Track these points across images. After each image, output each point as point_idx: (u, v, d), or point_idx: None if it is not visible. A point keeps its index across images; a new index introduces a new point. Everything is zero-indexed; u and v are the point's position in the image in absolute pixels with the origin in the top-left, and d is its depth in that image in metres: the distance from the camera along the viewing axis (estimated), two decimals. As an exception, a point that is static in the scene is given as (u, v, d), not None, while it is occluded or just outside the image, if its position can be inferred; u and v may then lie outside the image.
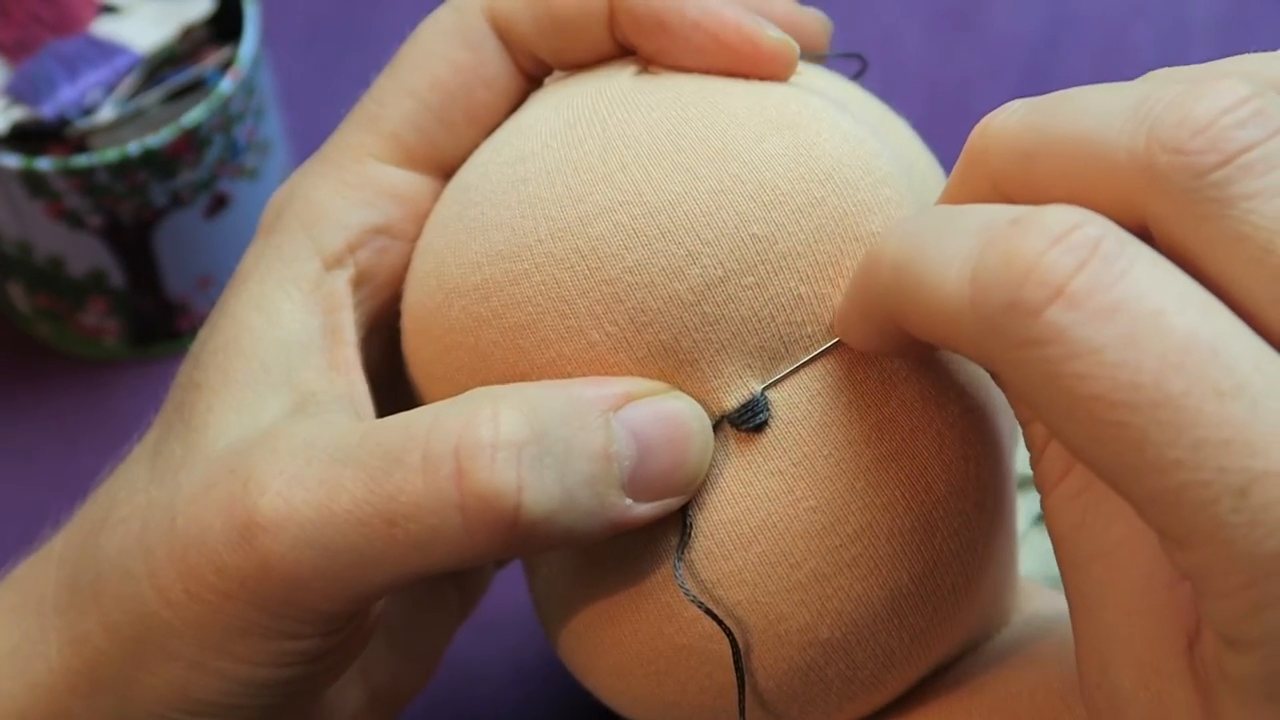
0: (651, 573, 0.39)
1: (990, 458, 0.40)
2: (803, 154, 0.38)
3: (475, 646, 0.57)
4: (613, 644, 0.40)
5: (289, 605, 0.37)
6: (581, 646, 0.41)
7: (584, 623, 0.40)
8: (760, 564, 0.38)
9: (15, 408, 0.63)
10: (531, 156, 0.39)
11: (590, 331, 0.38)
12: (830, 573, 0.38)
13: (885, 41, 0.71)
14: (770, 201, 0.38)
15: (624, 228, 0.38)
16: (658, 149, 0.38)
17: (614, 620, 0.40)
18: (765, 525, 0.38)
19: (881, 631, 0.39)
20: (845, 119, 0.40)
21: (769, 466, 0.38)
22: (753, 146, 0.38)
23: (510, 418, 0.36)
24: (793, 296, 0.38)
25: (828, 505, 0.38)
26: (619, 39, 0.41)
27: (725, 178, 0.38)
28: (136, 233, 0.59)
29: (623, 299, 0.38)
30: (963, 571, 0.39)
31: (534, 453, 0.36)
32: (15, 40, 0.59)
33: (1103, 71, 0.69)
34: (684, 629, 0.39)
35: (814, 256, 0.38)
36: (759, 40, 0.40)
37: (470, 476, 0.36)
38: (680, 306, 0.38)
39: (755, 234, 0.37)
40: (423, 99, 0.41)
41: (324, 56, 0.70)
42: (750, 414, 0.38)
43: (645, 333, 0.38)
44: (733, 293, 0.38)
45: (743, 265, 0.38)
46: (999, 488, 0.40)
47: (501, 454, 0.36)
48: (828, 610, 0.38)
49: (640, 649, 0.40)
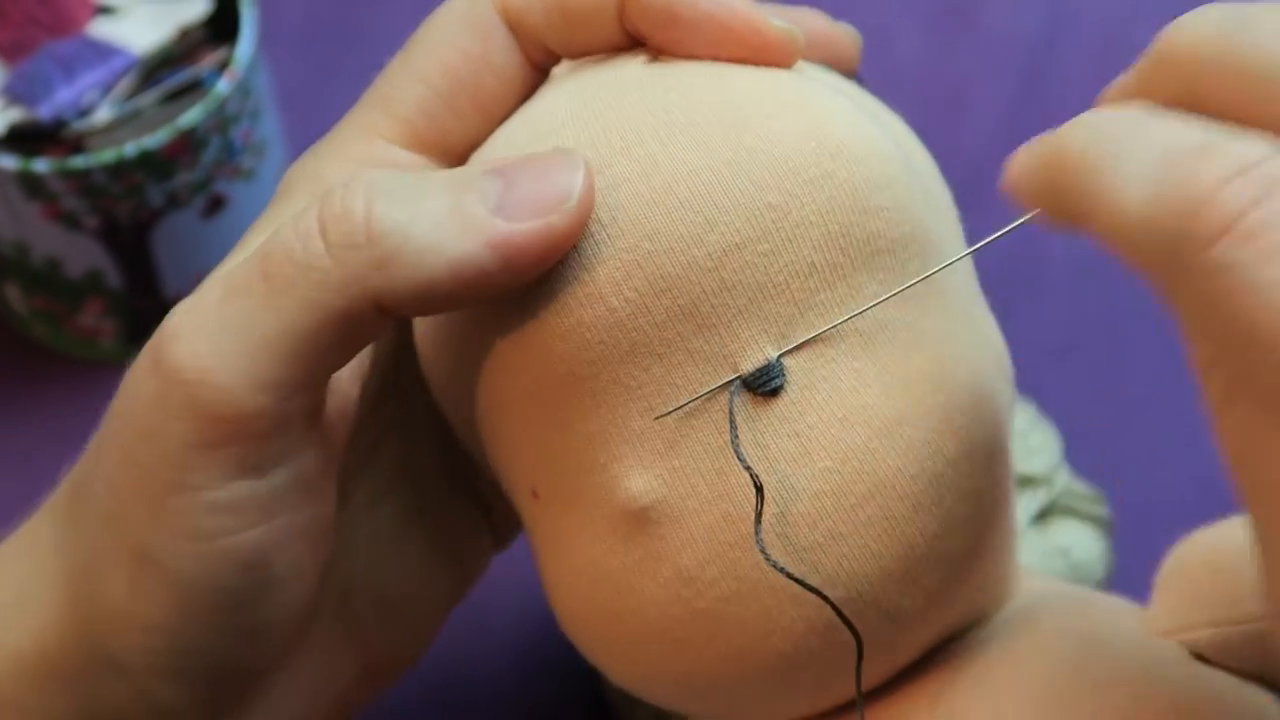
0: (668, 537, 0.40)
1: (996, 425, 0.41)
2: (814, 130, 0.39)
3: (473, 639, 0.57)
4: (629, 614, 0.40)
5: (202, 417, 0.38)
6: (594, 621, 0.41)
7: (597, 596, 0.41)
8: (776, 524, 0.39)
9: (12, 409, 0.63)
10: (548, 135, 0.40)
11: (610, 297, 0.39)
12: (846, 532, 0.39)
13: (882, 40, 0.71)
14: (784, 172, 0.39)
15: (642, 196, 0.39)
16: (673, 124, 0.39)
17: (630, 590, 0.40)
18: (782, 486, 0.39)
19: (895, 592, 0.39)
20: (849, 104, 0.41)
21: (785, 429, 0.39)
22: (765, 122, 0.39)
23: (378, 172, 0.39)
24: (806, 264, 0.39)
25: (842, 466, 0.39)
26: (629, 29, 0.42)
27: (740, 150, 0.39)
28: (134, 234, 0.59)
29: (642, 265, 0.39)
30: (973, 534, 0.40)
31: (388, 184, 0.39)
32: (12, 41, 0.59)
33: (1102, 71, 0.69)
34: (702, 592, 0.39)
35: (826, 227, 0.39)
36: (766, 30, 0.41)
37: (327, 206, 0.38)
38: (699, 272, 0.39)
39: (770, 203, 0.39)
40: (432, 85, 0.42)
41: (321, 58, 0.70)
42: (766, 378, 0.39)
43: (664, 298, 0.39)
44: (749, 259, 0.39)
45: (758, 232, 0.39)
46: (1003, 456, 0.41)
47: (359, 187, 0.38)
48: (842, 570, 0.39)
49: (657, 616, 0.40)
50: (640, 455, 0.40)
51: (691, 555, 0.39)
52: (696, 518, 0.39)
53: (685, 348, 0.39)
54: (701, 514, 0.39)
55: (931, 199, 0.42)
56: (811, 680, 0.40)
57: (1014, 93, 0.69)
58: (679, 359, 0.39)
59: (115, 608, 0.41)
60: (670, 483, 0.40)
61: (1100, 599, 0.45)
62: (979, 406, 0.40)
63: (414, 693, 0.56)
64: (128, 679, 0.42)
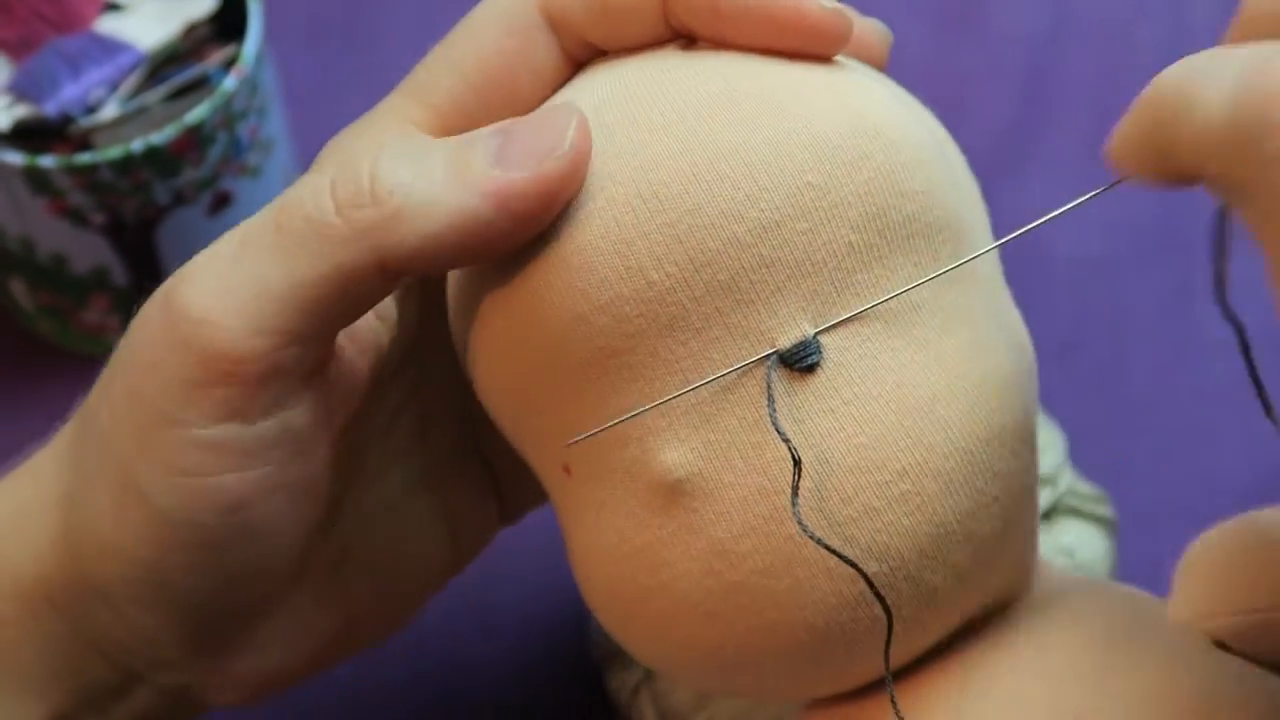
0: (702, 510, 0.40)
1: (1025, 410, 0.42)
2: (852, 112, 0.40)
3: (476, 644, 0.57)
4: (660, 588, 0.41)
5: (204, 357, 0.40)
6: (624, 596, 0.42)
7: (628, 571, 0.41)
8: (813, 498, 0.39)
9: (18, 404, 0.63)
10: (590, 114, 0.41)
11: (650, 271, 0.39)
12: (880, 507, 0.39)
13: (887, 41, 0.71)
14: (823, 153, 0.40)
15: (684, 173, 0.39)
16: (714, 104, 0.40)
17: (663, 563, 0.40)
18: (818, 460, 0.39)
19: (927, 569, 0.40)
20: (885, 91, 0.42)
21: (820, 405, 0.40)
22: (805, 103, 0.40)
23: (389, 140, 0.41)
24: (844, 244, 0.40)
25: (877, 442, 0.39)
26: (674, 24, 0.42)
27: (781, 130, 0.40)
28: (139, 230, 0.59)
29: (683, 240, 0.39)
30: (1002, 515, 0.41)
31: (396, 149, 0.40)
32: (18, 38, 0.59)
33: (1106, 71, 0.69)
34: (736, 565, 0.40)
35: (864, 207, 0.40)
36: (813, 14, 0.41)
37: (339, 170, 0.40)
38: (739, 247, 0.39)
39: (810, 182, 0.39)
40: (467, 78, 0.43)
41: (327, 54, 0.70)
42: (803, 354, 0.40)
43: (704, 272, 0.39)
44: (788, 236, 0.39)
45: (798, 211, 0.39)
46: (1031, 442, 0.42)
47: (367, 153, 0.40)
48: (875, 545, 0.39)
49: (690, 589, 0.40)
50: (676, 429, 0.40)
51: (726, 528, 0.40)
52: (732, 490, 0.40)
53: (723, 322, 0.40)
54: (737, 487, 0.40)
55: (962, 188, 0.43)
56: (841, 656, 0.41)
57: (1018, 93, 0.69)
58: (716, 333, 0.40)
59: (100, 536, 0.42)
60: (706, 456, 0.40)
61: (1121, 588, 0.45)
62: (1008, 390, 0.41)
63: (414, 693, 0.56)
64: (112, 606, 0.43)
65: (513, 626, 0.57)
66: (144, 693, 0.45)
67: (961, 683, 0.42)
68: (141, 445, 0.41)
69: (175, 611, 0.43)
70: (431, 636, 0.50)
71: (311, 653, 0.46)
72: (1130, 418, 0.61)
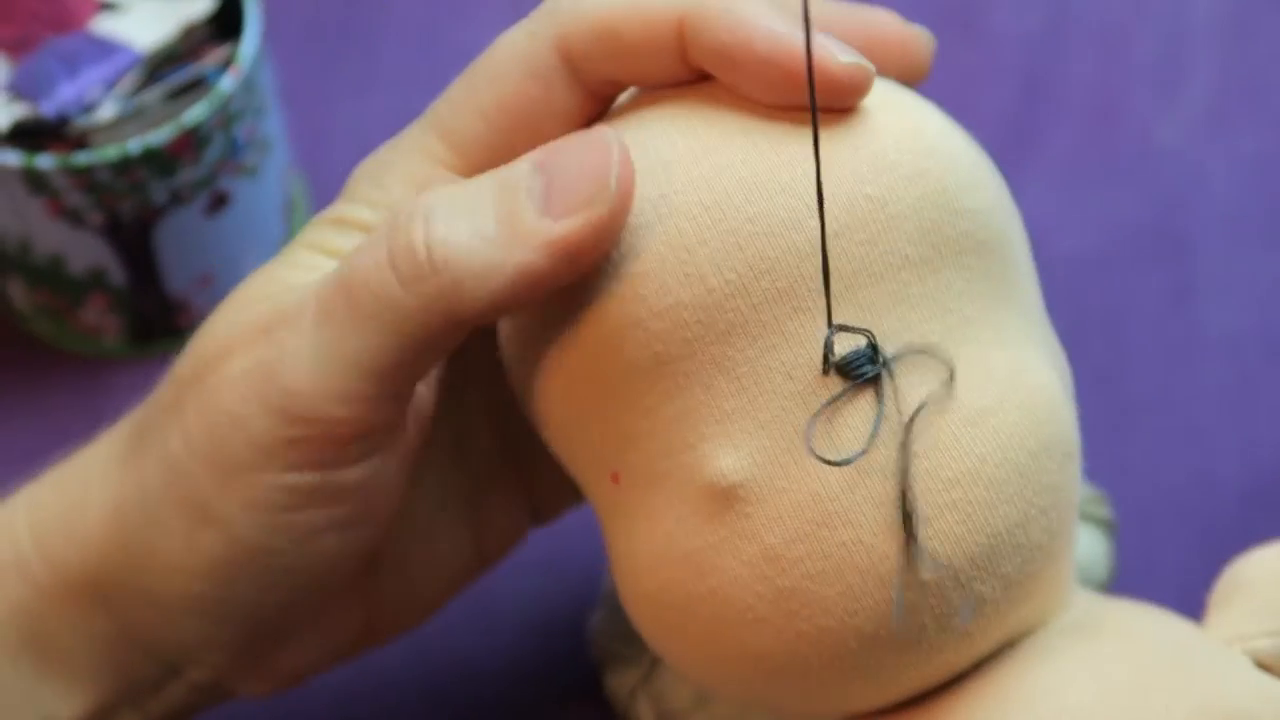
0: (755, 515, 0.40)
1: (1070, 425, 0.42)
2: (909, 129, 0.41)
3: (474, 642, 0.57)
4: (709, 593, 0.41)
5: (288, 418, 0.41)
6: (672, 603, 0.42)
7: (677, 577, 0.41)
8: (866, 504, 0.40)
9: (14, 405, 0.63)
10: (646, 129, 0.41)
11: (710, 278, 0.40)
12: (932, 515, 0.40)
13: (885, 41, 0.71)
14: (882, 167, 0.40)
15: (745, 181, 0.40)
16: (773, 118, 0.41)
17: (713, 569, 0.41)
18: (873, 468, 0.40)
19: (977, 578, 0.40)
20: (935, 111, 0.43)
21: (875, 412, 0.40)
22: (863, 117, 0.41)
23: (429, 196, 0.41)
24: (901, 256, 0.40)
25: (931, 450, 0.40)
26: (693, 65, 0.42)
27: (841, 144, 0.40)
28: (137, 230, 0.59)
29: (743, 247, 0.40)
30: (1049, 528, 0.41)
31: (444, 208, 0.41)
32: (15, 38, 0.59)
33: (1103, 72, 0.69)
34: (787, 570, 0.40)
35: (919, 222, 0.40)
36: (831, 70, 0.40)
37: (394, 239, 0.41)
38: (798, 256, 0.40)
39: (869, 194, 0.40)
40: (491, 122, 0.43)
41: (325, 55, 0.70)
42: (859, 364, 0.40)
43: (763, 280, 0.40)
44: (846, 247, 0.40)
45: (856, 222, 0.40)
46: (1075, 458, 0.43)
47: (415, 214, 0.41)
48: (929, 552, 0.40)
49: (739, 594, 0.41)
50: (730, 434, 0.40)
51: (779, 533, 0.40)
52: (785, 496, 0.40)
53: (781, 330, 0.40)
54: (790, 492, 0.40)
55: (1010, 210, 0.43)
56: (890, 665, 0.41)
57: (1016, 95, 0.69)
58: (774, 340, 0.40)
59: (167, 556, 0.43)
60: (760, 462, 0.40)
61: (1158, 611, 0.45)
62: (1055, 405, 0.42)
63: (413, 692, 0.56)
64: (164, 614, 0.44)
65: (512, 627, 0.57)
66: (180, 686, 0.46)
67: (1003, 697, 0.42)
68: (223, 483, 0.42)
69: (230, 623, 0.45)
70: (430, 636, 0.51)
71: (337, 648, 0.47)
72: (1129, 419, 0.61)
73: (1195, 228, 0.65)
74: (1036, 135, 0.68)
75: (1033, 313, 0.43)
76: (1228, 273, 0.64)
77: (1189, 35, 0.70)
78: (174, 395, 0.44)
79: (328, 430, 0.42)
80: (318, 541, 0.43)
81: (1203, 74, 0.69)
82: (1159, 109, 0.68)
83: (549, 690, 0.57)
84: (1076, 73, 0.69)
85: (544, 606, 0.57)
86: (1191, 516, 0.60)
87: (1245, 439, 0.60)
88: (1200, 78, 0.69)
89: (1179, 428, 0.61)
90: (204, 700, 0.47)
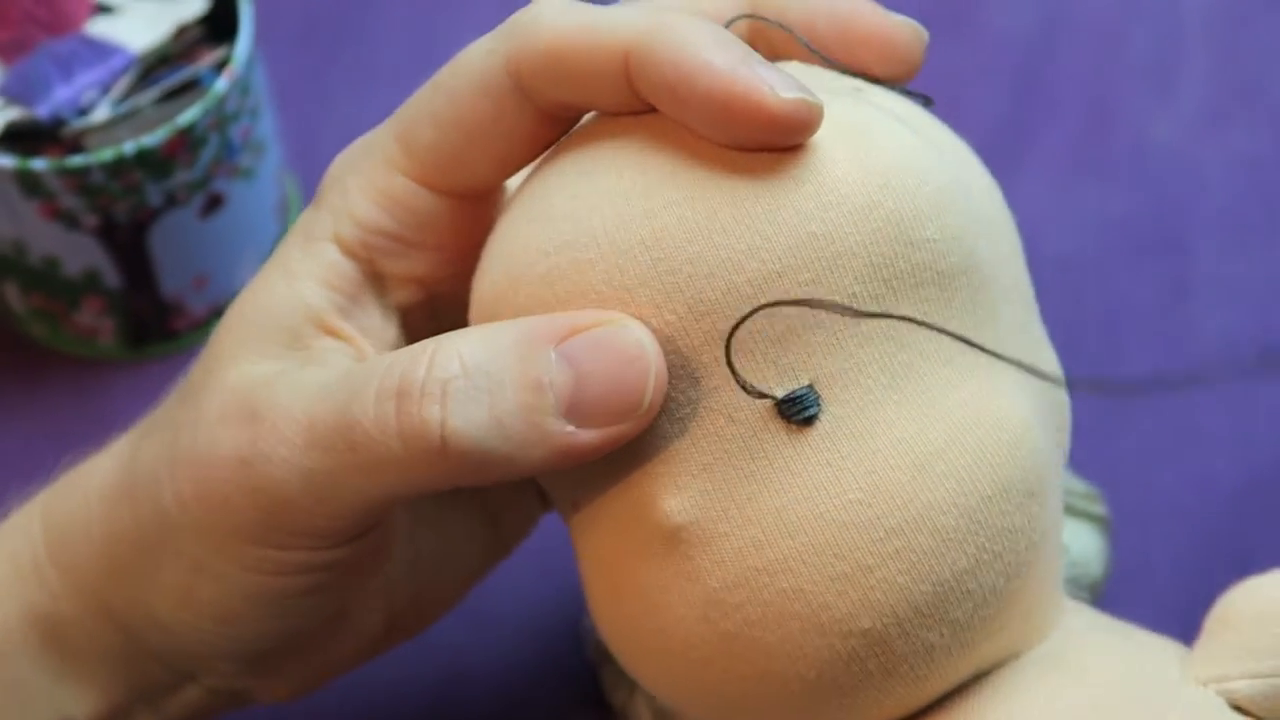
0: (698, 558, 0.40)
1: (1036, 463, 0.41)
2: (862, 158, 0.39)
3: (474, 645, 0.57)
4: (659, 630, 0.41)
5: (277, 520, 0.42)
6: (628, 633, 0.42)
7: (630, 610, 0.41)
8: (805, 552, 0.39)
9: (9, 407, 0.63)
10: (599, 158, 0.41)
11: (650, 319, 0.39)
12: (873, 565, 0.39)
13: (879, 40, 0.71)
14: (828, 202, 0.39)
15: (686, 221, 0.39)
16: (717, 155, 0.39)
17: (661, 607, 0.40)
18: (812, 515, 0.39)
19: (923, 626, 0.39)
20: (904, 131, 0.41)
21: (818, 457, 0.39)
22: (813, 149, 0.39)
23: (445, 356, 0.40)
24: (848, 295, 0.39)
25: (873, 498, 0.39)
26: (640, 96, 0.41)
27: (786, 179, 0.39)
28: (132, 232, 0.59)
29: (683, 289, 0.39)
30: (1004, 572, 0.40)
31: (461, 386, 0.39)
32: (10, 40, 0.59)
33: (1097, 70, 0.69)
34: (729, 615, 0.40)
35: (869, 257, 0.39)
36: (774, 108, 0.39)
37: (404, 410, 0.39)
38: (739, 299, 0.39)
39: (813, 232, 0.39)
40: (445, 134, 0.42)
41: (318, 56, 0.70)
42: (800, 406, 0.39)
43: (703, 322, 0.39)
44: (789, 288, 0.39)
45: (800, 262, 0.39)
46: (1043, 496, 0.41)
47: (429, 388, 0.39)
48: (870, 601, 0.39)
49: (685, 635, 0.40)
50: (675, 475, 0.40)
51: (720, 577, 0.40)
52: (727, 540, 0.39)
53: (722, 372, 0.39)
54: (731, 537, 0.39)
55: (988, 227, 0.42)
56: (836, 708, 0.40)
57: (1009, 92, 0.69)
58: (716, 382, 0.39)
59: (165, 590, 0.44)
60: (703, 505, 0.40)
61: (1143, 637, 0.44)
62: (1016, 442, 0.40)
63: (410, 693, 0.56)
64: (165, 632, 0.45)
65: (508, 627, 0.57)
66: (194, 690, 0.47)
67: None
68: (215, 548, 0.43)
69: (238, 646, 0.45)
70: (428, 637, 0.50)
71: (356, 651, 0.48)
72: (1123, 416, 0.61)
73: (1190, 226, 0.65)
74: (1031, 133, 0.68)
75: (1012, 335, 0.42)
76: (1223, 271, 0.64)
77: (1183, 33, 0.70)
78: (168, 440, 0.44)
79: (315, 531, 0.42)
80: (317, 593, 0.44)
81: (1197, 72, 0.69)
82: (1153, 107, 0.68)
83: (546, 691, 0.57)
84: (1071, 70, 0.69)
85: (541, 608, 0.57)
86: (1186, 515, 0.60)
87: (1239, 438, 0.60)
88: (1195, 75, 0.69)
89: (1172, 427, 0.61)
90: (224, 704, 0.48)
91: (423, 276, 0.45)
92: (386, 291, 0.45)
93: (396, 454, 0.40)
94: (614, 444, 0.40)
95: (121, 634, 0.45)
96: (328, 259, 0.44)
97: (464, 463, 0.39)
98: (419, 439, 0.39)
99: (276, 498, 0.41)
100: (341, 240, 0.44)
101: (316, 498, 0.41)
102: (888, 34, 0.43)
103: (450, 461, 0.39)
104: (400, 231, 0.44)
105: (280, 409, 0.41)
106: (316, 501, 0.41)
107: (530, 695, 0.56)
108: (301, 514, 0.41)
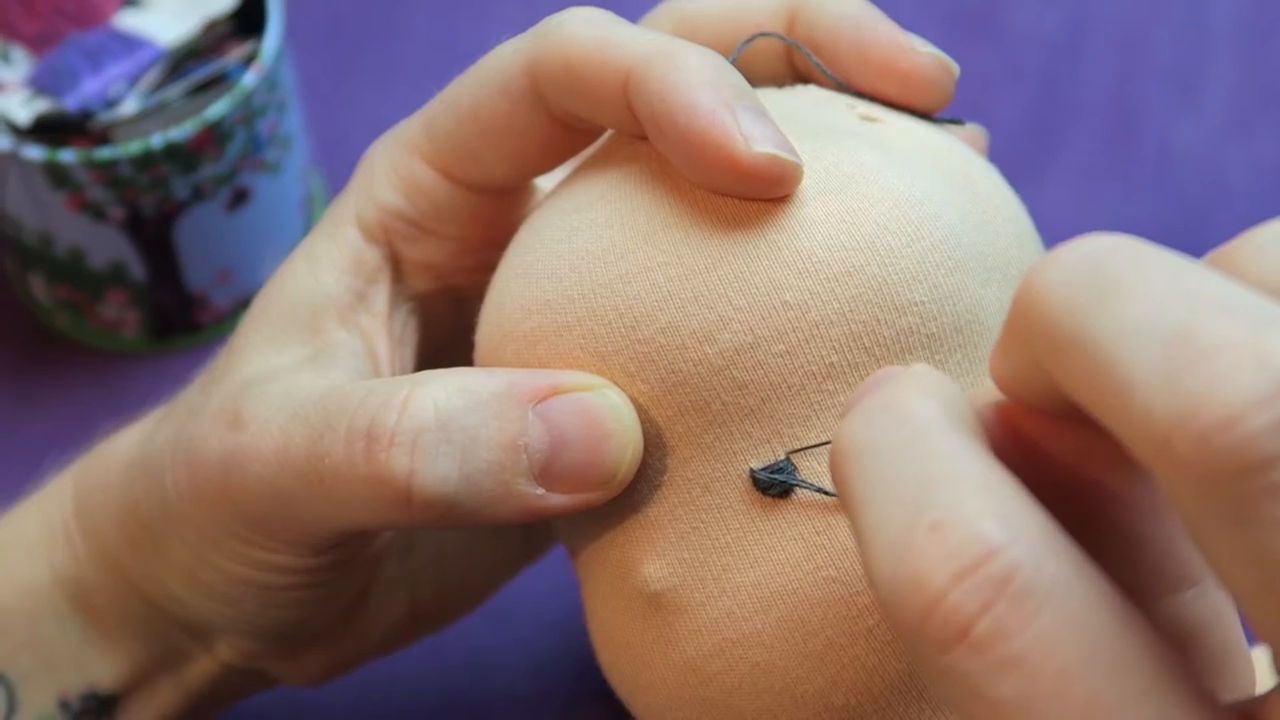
0: (676, 625, 0.40)
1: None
2: (844, 220, 0.38)
3: (490, 638, 0.57)
4: (645, 686, 0.41)
5: (255, 528, 0.42)
6: (618, 679, 0.42)
7: (620, 662, 0.41)
8: (778, 628, 0.38)
9: (33, 399, 0.63)
10: (587, 207, 0.40)
11: (625, 387, 0.39)
12: (845, 643, 0.38)
13: (905, 42, 0.71)
14: (804, 269, 0.38)
15: (659, 288, 0.38)
16: (700, 212, 0.38)
17: (646, 665, 0.40)
18: (785, 591, 0.38)
19: (898, 703, 0.39)
20: (905, 178, 0.39)
21: (792, 531, 0.38)
22: (793, 212, 0.38)
23: (419, 404, 0.39)
24: (824, 365, 0.38)
25: (846, 576, 0.38)
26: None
27: (761, 243, 0.38)
28: (158, 225, 0.59)
29: (655, 359, 0.38)
30: None
31: (432, 439, 0.39)
32: (39, 32, 0.59)
33: (1123, 75, 0.69)
34: (708, 682, 0.39)
35: (848, 325, 0.38)
36: (746, 161, 0.37)
37: (372, 455, 0.39)
38: (710, 370, 0.38)
39: (787, 301, 0.38)
40: (464, 127, 0.43)
41: (345, 51, 0.70)
42: (774, 479, 0.38)
43: (676, 393, 0.38)
44: (762, 359, 0.38)
45: (774, 332, 0.38)
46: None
47: (399, 439, 0.39)
48: (843, 678, 0.38)
49: (667, 697, 0.40)
50: (654, 541, 0.40)
51: (697, 646, 0.39)
52: (703, 610, 0.39)
53: (695, 442, 0.39)
54: (707, 607, 0.39)
55: (1001, 268, 0.40)
56: None
57: (1036, 95, 0.69)
58: (689, 453, 0.39)
59: (174, 569, 0.45)
60: (680, 573, 0.39)
61: None
62: None
63: (426, 685, 0.56)
64: (179, 603, 0.46)
65: (524, 619, 0.57)
66: (211, 662, 0.47)
67: None
68: (211, 544, 0.44)
69: (249, 628, 0.46)
70: (446, 632, 0.51)
71: (382, 638, 0.48)
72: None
73: (1214, 231, 0.65)
74: (1056, 138, 0.68)
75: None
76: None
77: (1209, 39, 0.70)
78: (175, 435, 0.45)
79: (292, 541, 0.43)
80: (313, 589, 0.44)
81: (1222, 78, 0.69)
82: (1179, 112, 0.68)
83: (564, 686, 0.57)
84: (1096, 75, 0.69)
85: (559, 603, 0.57)
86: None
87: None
88: (1220, 82, 0.69)
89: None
90: (244, 682, 0.48)
91: (438, 264, 0.45)
92: (404, 277, 0.45)
93: (363, 496, 0.40)
94: (582, 509, 0.40)
95: (142, 601, 0.46)
96: (350, 244, 0.44)
97: (429, 512, 0.39)
98: (385, 486, 0.39)
99: (251, 508, 0.42)
100: (363, 222, 0.44)
101: (289, 515, 0.42)
102: (914, 71, 0.42)
103: (415, 510, 0.39)
104: (417, 217, 0.44)
105: (260, 421, 0.41)
106: (290, 518, 0.42)
107: (548, 691, 0.57)
108: (277, 526, 0.42)
